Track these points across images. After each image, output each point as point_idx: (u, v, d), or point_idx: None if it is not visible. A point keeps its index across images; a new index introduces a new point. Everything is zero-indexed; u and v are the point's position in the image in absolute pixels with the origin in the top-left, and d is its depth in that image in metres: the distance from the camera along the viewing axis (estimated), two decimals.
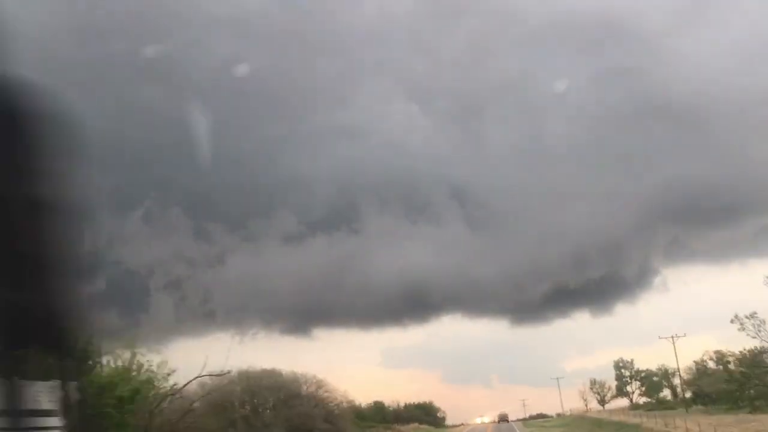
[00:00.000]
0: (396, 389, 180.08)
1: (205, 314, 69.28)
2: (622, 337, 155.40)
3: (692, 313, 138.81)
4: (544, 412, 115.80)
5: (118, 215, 77.83)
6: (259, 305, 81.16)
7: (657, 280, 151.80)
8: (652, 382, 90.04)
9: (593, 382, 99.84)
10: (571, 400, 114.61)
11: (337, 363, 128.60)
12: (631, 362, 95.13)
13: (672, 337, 65.04)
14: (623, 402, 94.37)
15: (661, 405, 75.68)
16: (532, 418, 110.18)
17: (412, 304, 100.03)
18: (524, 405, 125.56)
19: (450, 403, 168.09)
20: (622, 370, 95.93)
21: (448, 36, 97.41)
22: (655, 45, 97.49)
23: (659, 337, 66.90)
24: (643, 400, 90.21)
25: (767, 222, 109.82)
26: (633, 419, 50.41)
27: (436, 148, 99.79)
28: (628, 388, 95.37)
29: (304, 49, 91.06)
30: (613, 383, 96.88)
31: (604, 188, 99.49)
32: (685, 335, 66.59)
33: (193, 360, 40.00)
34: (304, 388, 43.40)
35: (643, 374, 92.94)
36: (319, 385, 44.63)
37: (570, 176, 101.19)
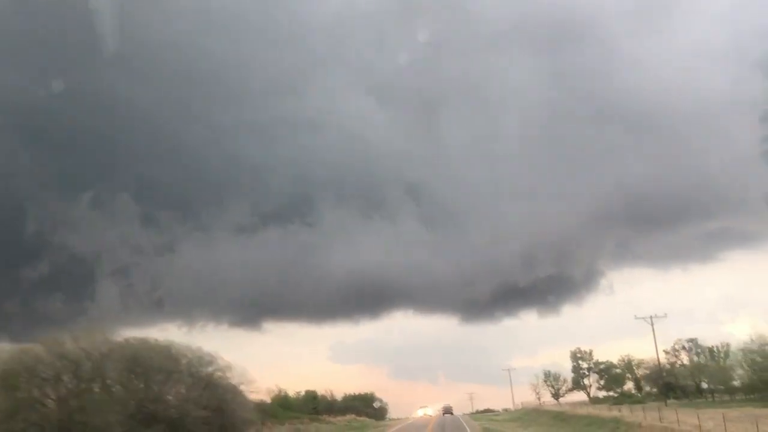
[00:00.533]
0: (342, 383, 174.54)
1: (153, 304, 62.00)
2: (567, 337, 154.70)
3: (635, 316, 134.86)
4: (491, 407, 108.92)
5: (65, 199, 69.64)
6: (209, 296, 78.04)
7: (603, 282, 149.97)
8: (613, 374, 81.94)
9: (548, 375, 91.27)
10: (519, 397, 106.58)
11: (287, 357, 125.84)
12: (590, 353, 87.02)
13: (651, 317, 56.17)
14: (579, 396, 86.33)
15: (629, 398, 67.52)
16: (479, 412, 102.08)
17: (364, 299, 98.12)
18: (471, 399, 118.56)
19: (395, 398, 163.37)
20: (580, 362, 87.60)
21: (407, 33, 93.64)
22: (614, 48, 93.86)
23: (635, 317, 58.33)
24: (602, 394, 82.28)
25: (707, 228, 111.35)
26: (605, 413, 41.19)
27: (392, 144, 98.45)
28: (586, 381, 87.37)
29: (261, 38, 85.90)
30: (569, 376, 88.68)
31: (555, 189, 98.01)
32: (666, 315, 57.98)
33: None
34: (184, 363, 32.20)
35: (602, 366, 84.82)
36: (206, 362, 33.42)
37: (523, 176, 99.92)
